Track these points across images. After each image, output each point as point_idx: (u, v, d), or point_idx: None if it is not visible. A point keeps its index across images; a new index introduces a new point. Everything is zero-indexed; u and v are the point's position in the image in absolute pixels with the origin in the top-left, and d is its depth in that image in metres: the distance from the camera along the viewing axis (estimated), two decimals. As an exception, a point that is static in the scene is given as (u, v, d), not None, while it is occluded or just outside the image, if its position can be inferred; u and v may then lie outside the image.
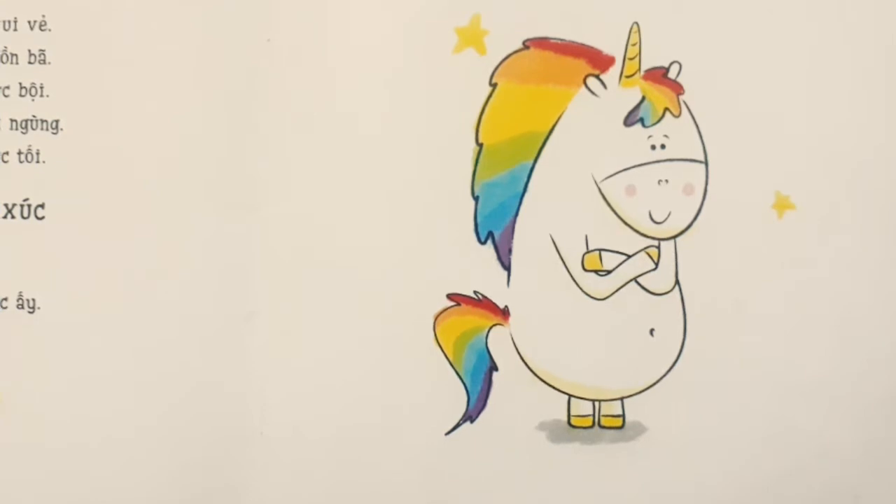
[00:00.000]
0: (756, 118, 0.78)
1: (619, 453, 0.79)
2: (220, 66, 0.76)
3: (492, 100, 0.78)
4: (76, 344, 0.76)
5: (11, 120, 0.76)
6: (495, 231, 0.78)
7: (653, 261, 0.79)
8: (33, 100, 0.76)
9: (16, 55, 0.76)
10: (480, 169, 0.78)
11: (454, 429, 0.78)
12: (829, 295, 0.79)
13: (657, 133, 0.78)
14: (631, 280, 0.79)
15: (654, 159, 0.78)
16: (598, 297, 0.79)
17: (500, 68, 0.78)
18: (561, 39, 0.78)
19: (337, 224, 0.77)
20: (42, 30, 0.76)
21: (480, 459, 0.78)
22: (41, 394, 0.76)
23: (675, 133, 0.78)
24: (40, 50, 0.76)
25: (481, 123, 0.78)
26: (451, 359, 0.78)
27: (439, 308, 0.78)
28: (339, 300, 0.77)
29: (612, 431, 0.79)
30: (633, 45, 0.78)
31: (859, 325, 0.80)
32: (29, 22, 0.76)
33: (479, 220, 0.78)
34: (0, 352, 0.75)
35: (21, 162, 0.76)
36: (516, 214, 0.78)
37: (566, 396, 0.79)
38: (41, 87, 0.76)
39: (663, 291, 0.79)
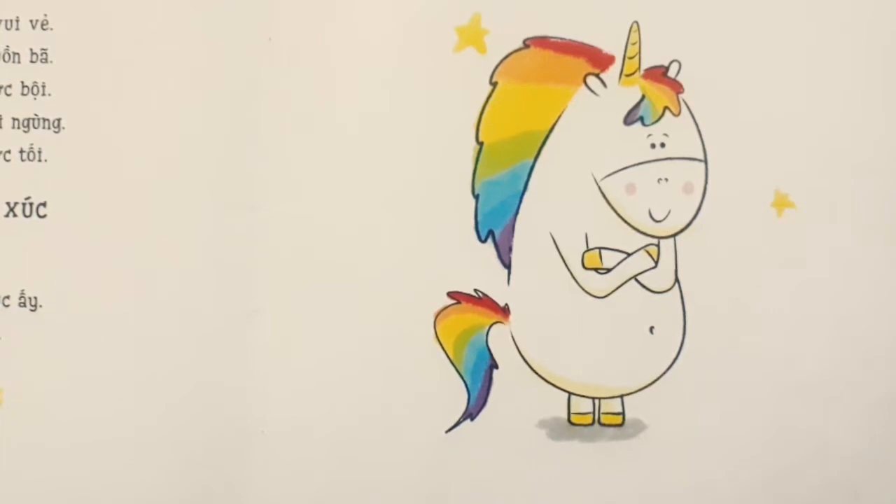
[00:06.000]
0: (755, 117, 0.78)
1: (618, 451, 0.79)
2: (221, 65, 0.76)
3: (492, 99, 0.78)
4: (78, 342, 0.76)
5: (13, 119, 0.76)
6: (496, 229, 0.78)
7: (652, 259, 0.79)
8: (35, 99, 0.76)
9: (18, 54, 0.76)
10: (481, 167, 0.78)
11: (454, 426, 0.78)
12: (828, 293, 0.79)
13: (657, 132, 0.78)
14: (631, 278, 0.79)
15: (654, 158, 0.78)
16: (598, 295, 0.79)
17: (500, 67, 0.78)
18: (561, 38, 0.78)
19: (337, 223, 0.77)
20: (44, 29, 0.76)
21: (481, 457, 0.78)
22: (43, 392, 0.76)
23: (675, 132, 0.78)
24: (42, 49, 0.76)
25: (482, 122, 0.78)
26: (451, 357, 0.78)
27: (440, 306, 0.78)
28: (339, 299, 0.77)
29: (611, 429, 0.79)
30: (633, 43, 0.78)
31: (859, 322, 0.80)
32: (31, 21, 0.76)
33: (479, 218, 0.78)
34: (2, 350, 0.76)
35: (23, 161, 0.76)
36: (516, 213, 0.78)
37: (566, 394, 0.79)
38: (43, 86, 0.76)
39: (663, 289, 0.79)
